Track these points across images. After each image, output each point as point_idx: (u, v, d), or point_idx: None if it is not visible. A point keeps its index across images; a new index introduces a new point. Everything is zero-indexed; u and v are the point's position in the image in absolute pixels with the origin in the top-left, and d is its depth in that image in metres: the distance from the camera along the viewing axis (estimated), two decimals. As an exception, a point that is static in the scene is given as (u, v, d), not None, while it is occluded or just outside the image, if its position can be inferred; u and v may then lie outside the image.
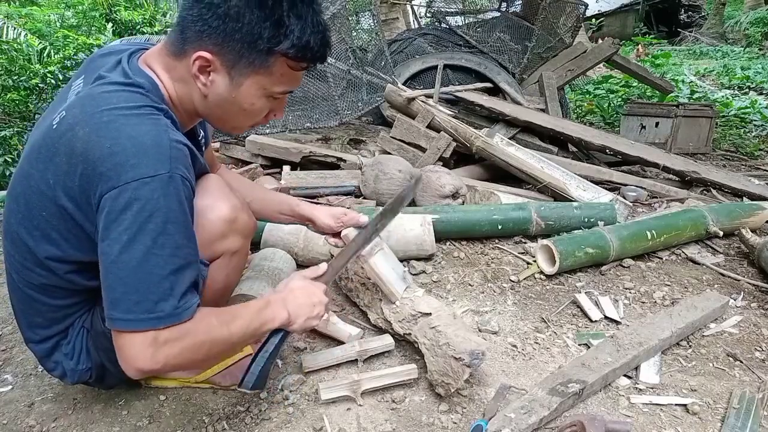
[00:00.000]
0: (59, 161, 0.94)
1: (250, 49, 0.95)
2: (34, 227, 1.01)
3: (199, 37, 0.95)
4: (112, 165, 0.89)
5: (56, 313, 1.13)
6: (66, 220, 0.98)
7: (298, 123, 3.43)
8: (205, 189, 1.16)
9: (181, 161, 0.94)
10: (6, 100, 3.51)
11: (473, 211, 2.17)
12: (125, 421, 1.25)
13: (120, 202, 0.89)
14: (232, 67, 0.98)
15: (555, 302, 1.79)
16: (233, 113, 1.05)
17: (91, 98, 0.95)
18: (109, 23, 6.20)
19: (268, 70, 0.99)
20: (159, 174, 0.89)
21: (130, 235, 0.89)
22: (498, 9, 4.43)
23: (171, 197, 0.91)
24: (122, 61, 1.02)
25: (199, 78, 0.99)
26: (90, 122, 0.92)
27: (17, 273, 1.09)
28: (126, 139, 0.90)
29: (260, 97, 1.03)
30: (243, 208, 1.23)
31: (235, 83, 1.00)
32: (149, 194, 0.89)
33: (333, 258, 1.38)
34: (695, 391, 1.38)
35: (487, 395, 1.33)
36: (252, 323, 1.08)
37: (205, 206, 1.13)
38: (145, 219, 0.89)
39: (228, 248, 1.19)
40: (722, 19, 13.59)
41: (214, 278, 1.17)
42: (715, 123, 4.31)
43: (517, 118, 3.24)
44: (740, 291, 1.89)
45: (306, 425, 1.23)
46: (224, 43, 0.95)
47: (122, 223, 0.89)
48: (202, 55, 0.96)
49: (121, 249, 0.89)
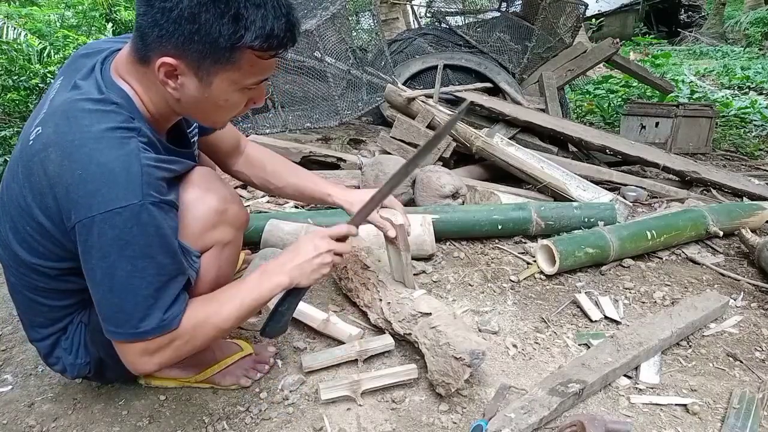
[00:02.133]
0: (35, 180, 0.95)
1: (212, 49, 0.91)
2: (22, 239, 1.02)
3: (159, 42, 0.91)
4: (84, 193, 0.90)
5: (56, 313, 1.14)
6: (47, 237, 0.99)
7: (298, 123, 3.43)
8: (194, 181, 1.14)
9: (152, 186, 0.94)
10: (6, 100, 3.51)
11: (473, 211, 2.17)
12: (125, 421, 1.25)
13: (94, 231, 0.90)
14: (198, 68, 0.94)
15: (555, 302, 1.79)
16: (210, 111, 1.04)
17: (64, 117, 0.94)
18: (109, 23, 6.19)
19: (236, 65, 0.95)
20: (131, 204, 0.90)
21: (110, 262, 0.92)
22: (498, 9, 4.42)
23: (145, 225, 0.92)
24: (96, 67, 1.01)
25: (167, 83, 0.96)
26: (61, 144, 0.92)
27: (14, 277, 1.10)
28: (96, 165, 0.90)
29: (233, 92, 1.00)
30: (233, 200, 1.21)
31: (205, 83, 0.96)
32: (122, 224, 0.90)
33: (360, 207, 1.32)
34: (695, 391, 1.38)
35: (487, 395, 1.33)
36: (246, 300, 1.09)
37: (194, 198, 1.12)
38: (121, 247, 0.91)
39: (218, 239, 1.16)
40: (722, 19, 13.57)
41: (205, 270, 1.15)
42: (715, 123, 4.30)
43: (517, 118, 3.24)
44: (740, 291, 1.89)
45: (306, 425, 1.23)
46: (185, 46, 0.91)
47: (100, 250, 0.91)
48: (166, 61, 0.92)
49: (102, 274, 0.93)
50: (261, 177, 1.45)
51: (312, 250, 1.18)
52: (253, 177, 1.45)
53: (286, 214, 2.13)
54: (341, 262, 1.23)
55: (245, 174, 1.45)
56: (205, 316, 1.05)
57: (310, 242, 1.19)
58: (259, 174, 1.45)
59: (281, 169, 1.46)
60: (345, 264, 1.68)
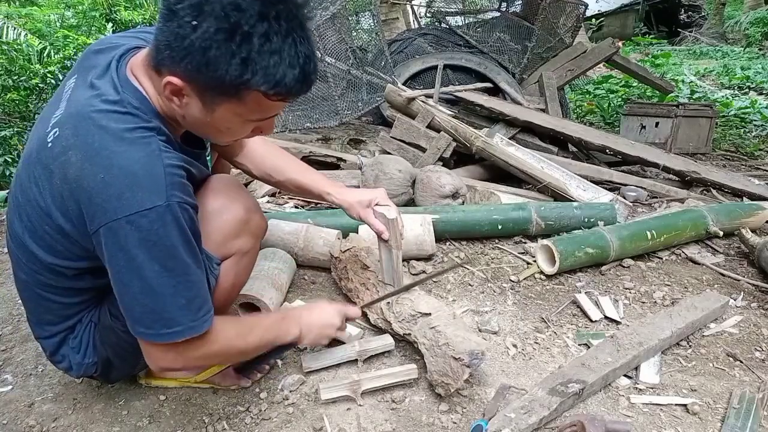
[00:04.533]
0: (55, 183, 0.95)
1: (218, 83, 0.88)
2: (39, 238, 1.02)
3: (171, 61, 0.89)
4: (107, 197, 0.89)
5: (66, 311, 1.14)
6: (66, 237, 0.99)
7: (298, 123, 3.43)
8: (219, 190, 1.17)
9: (176, 186, 0.93)
10: (6, 100, 3.51)
11: (473, 211, 2.17)
12: (125, 421, 1.25)
13: (121, 234, 0.90)
14: (203, 94, 0.92)
15: (555, 302, 1.79)
16: (213, 133, 1.03)
17: (83, 119, 0.93)
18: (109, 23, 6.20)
19: (242, 102, 0.92)
20: (156, 206, 0.90)
21: (138, 263, 0.92)
22: (498, 9, 4.42)
23: (171, 225, 0.92)
24: (112, 66, 1.00)
25: (173, 100, 0.95)
26: (82, 148, 0.92)
27: (25, 274, 1.09)
28: (118, 168, 0.89)
29: (237, 123, 0.98)
30: (256, 209, 1.25)
31: (208, 109, 0.94)
32: (149, 226, 0.90)
33: (371, 301, 1.50)
34: (695, 391, 1.38)
35: (487, 395, 1.33)
36: (266, 336, 1.17)
37: (220, 206, 1.15)
38: (148, 248, 0.91)
39: (240, 248, 1.20)
40: (722, 19, 13.57)
41: (223, 277, 1.18)
42: (715, 123, 4.30)
43: (517, 118, 3.24)
44: (740, 291, 1.89)
45: (306, 425, 1.23)
46: (192, 73, 0.89)
47: (127, 253, 0.91)
48: (172, 81, 0.90)
49: (131, 276, 0.93)
50: (262, 170, 1.46)
51: (328, 320, 1.28)
52: (254, 169, 1.46)
53: (287, 214, 2.13)
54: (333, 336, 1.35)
55: (247, 166, 1.46)
56: (235, 334, 1.10)
57: (329, 313, 1.30)
58: (260, 167, 1.46)
59: (282, 163, 1.47)
60: (345, 264, 1.68)
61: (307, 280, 1.88)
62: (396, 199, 2.32)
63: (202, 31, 0.84)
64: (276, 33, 0.86)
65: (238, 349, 1.12)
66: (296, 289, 1.81)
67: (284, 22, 0.87)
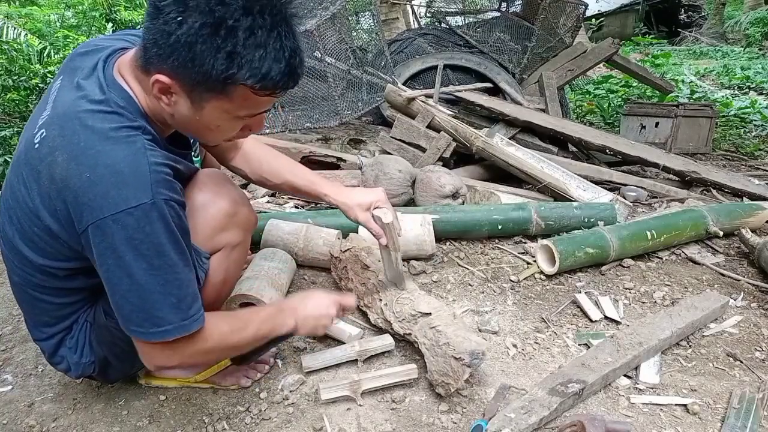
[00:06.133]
0: (43, 183, 0.95)
1: (205, 78, 0.89)
2: (29, 240, 1.02)
3: (158, 60, 0.90)
4: (93, 196, 0.90)
5: (61, 311, 1.15)
6: (55, 238, 0.99)
7: (298, 123, 3.43)
8: (204, 183, 1.16)
9: (162, 184, 0.94)
10: (6, 100, 3.51)
11: (473, 211, 2.17)
12: (125, 421, 1.25)
13: (108, 233, 0.90)
14: (191, 91, 0.93)
15: (555, 302, 1.79)
16: (202, 132, 1.03)
17: (68, 119, 0.94)
18: (109, 23, 6.20)
19: (229, 97, 0.93)
20: (142, 203, 0.90)
21: (126, 262, 0.92)
22: (498, 9, 4.42)
23: (157, 222, 0.92)
24: (98, 67, 1.00)
25: (161, 98, 0.95)
26: (68, 148, 0.92)
27: (18, 276, 1.10)
28: (103, 167, 0.90)
29: (225, 120, 0.99)
30: (243, 202, 1.24)
31: (197, 106, 0.95)
32: (135, 224, 0.90)
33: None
34: (695, 391, 1.38)
35: (487, 395, 1.33)
36: (261, 329, 1.15)
37: (206, 200, 1.14)
38: (135, 246, 0.91)
39: (228, 242, 1.20)
40: (722, 19, 13.56)
41: (214, 272, 1.18)
42: (715, 123, 4.30)
43: (517, 118, 3.24)
44: (740, 291, 1.89)
45: (306, 425, 1.23)
46: (179, 70, 0.89)
47: (115, 251, 0.91)
48: (160, 79, 0.91)
49: (120, 275, 0.93)
50: (258, 173, 1.46)
51: (324, 309, 1.27)
52: (250, 173, 1.46)
53: (286, 214, 2.13)
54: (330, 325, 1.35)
55: (242, 170, 1.45)
56: (230, 330, 1.09)
57: (324, 302, 1.28)
58: (256, 170, 1.45)
59: (278, 166, 1.46)
60: (345, 264, 1.68)
61: (307, 280, 1.88)
62: (396, 199, 2.32)
63: (187, 26, 0.85)
64: (260, 27, 0.87)
65: (233, 344, 1.12)
66: (296, 289, 1.81)
67: (268, 16, 0.88)
